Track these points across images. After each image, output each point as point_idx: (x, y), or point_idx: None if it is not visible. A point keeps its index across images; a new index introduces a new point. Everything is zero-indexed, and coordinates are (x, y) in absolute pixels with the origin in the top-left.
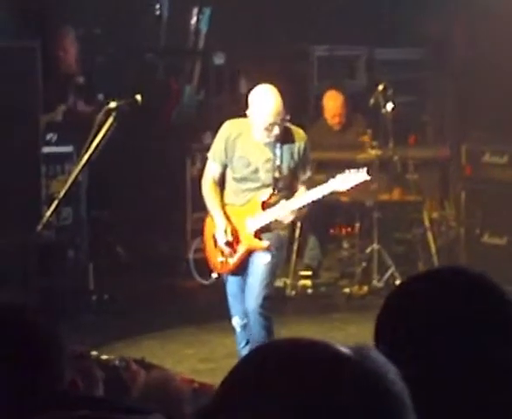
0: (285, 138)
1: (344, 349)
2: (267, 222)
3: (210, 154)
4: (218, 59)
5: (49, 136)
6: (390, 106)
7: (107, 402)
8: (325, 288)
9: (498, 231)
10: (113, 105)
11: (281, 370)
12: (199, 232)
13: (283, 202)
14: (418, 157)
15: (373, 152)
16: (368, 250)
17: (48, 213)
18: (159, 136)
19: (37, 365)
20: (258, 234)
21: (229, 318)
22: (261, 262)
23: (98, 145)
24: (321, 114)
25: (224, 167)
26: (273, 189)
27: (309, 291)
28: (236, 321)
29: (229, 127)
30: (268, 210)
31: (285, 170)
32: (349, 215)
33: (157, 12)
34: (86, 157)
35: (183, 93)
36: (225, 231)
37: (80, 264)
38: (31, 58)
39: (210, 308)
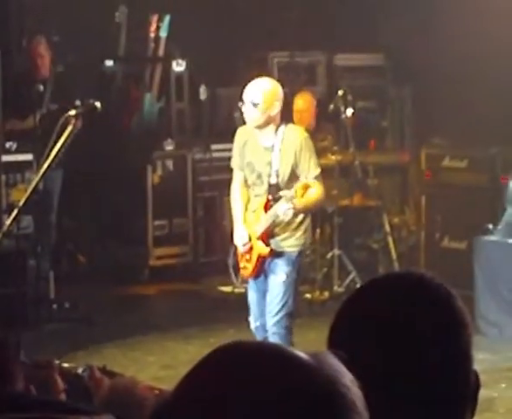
0: (281, 140)
1: (300, 354)
2: (267, 226)
3: (232, 163)
4: (178, 66)
5: (8, 144)
6: (349, 111)
7: (56, 404)
8: None
9: (458, 235)
10: (72, 112)
11: (236, 373)
12: (160, 239)
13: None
14: (378, 162)
15: (333, 157)
16: (329, 256)
17: (8, 222)
18: (120, 143)
19: None
20: (264, 239)
21: (191, 324)
22: (276, 279)
23: (57, 153)
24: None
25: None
26: (268, 195)
27: None
28: (250, 321)
29: (239, 134)
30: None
31: (284, 174)
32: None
33: (117, 20)
34: (45, 165)
35: (143, 101)
36: (242, 238)
37: (41, 273)
38: None
39: (171, 315)
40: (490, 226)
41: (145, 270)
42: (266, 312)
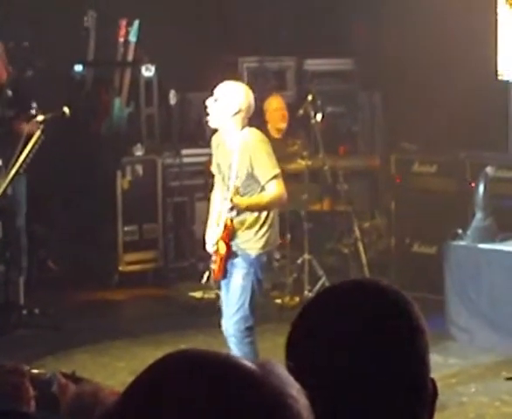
0: (240, 143)
1: (247, 364)
2: (223, 226)
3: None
4: (148, 71)
5: None
6: (319, 116)
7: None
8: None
9: (428, 241)
10: (40, 118)
11: (181, 381)
12: (130, 245)
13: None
14: (348, 167)
15: (303, 162)
16: (299, 261)
17: None
18: (89, 148)
19: None
20: (224, 240)
21: (161, 330)
22: (233, 282)
23: (26, 158)
24: (263, 123)
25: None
26: (225, 197)
27: None
28: (222, 323)
29: (213, 138)
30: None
31: (241, 176)
32: (280, 225)
33: (86, 24)
34: (13, 171)
35: (112, 105)
36: (209, 240)
37: (11, 279)
38: None
39: (142, 321)
40: (460, 231)
41: (115, 275)
42: (224, 315)
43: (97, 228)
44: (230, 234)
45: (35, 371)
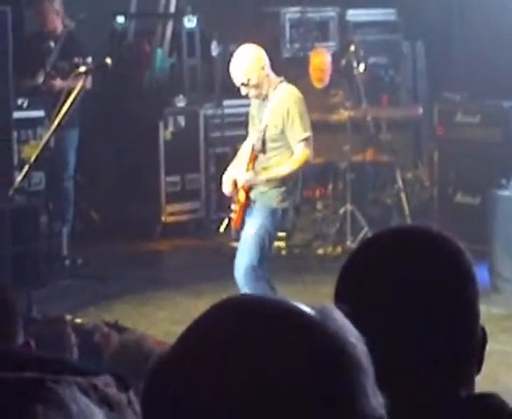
0: (274, 99)
1: (306, 310)
2: (243, 182)
3: None
4: (190, 22)
5: (20, 101)
6: (362, 66)
7: (54, 362)
8: (299, 250)
9: (471, 191)
10: (82, 69)
11: (236, 331)
12: (173, 195)
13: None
14: (390, 117)
15: (346, 113)
16: (341, 212)
17: (19, 178)
18: (131, 100)
19: None
20: (245, 189)
21: (202, 280)
22: (247, 231)
23: (68, 109)
24: (305, 74)
25: None
26: (252, 149)
27: (283, 252)
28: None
29: None
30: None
31: (270, 132)
32: (323, 176)
33: None
34: (56, 122)
35: (154, 57)
36: (225, 185)
37: (54, 229)
38: (2, 22)
39: (183, 271)
40: (504, 181)
41: (157, 226)
42: (235, 264)
43: (139, 179)
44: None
45: (78, 320)
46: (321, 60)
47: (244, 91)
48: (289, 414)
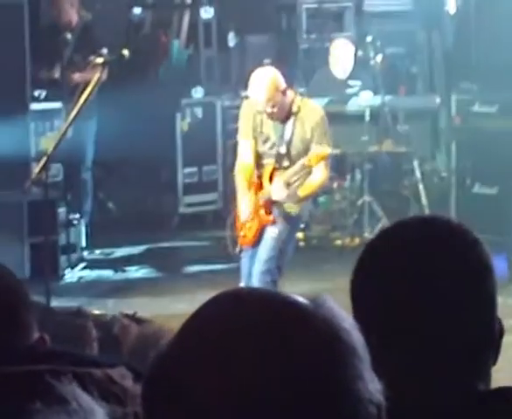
0: (296, 113)
1: (299, 298)
2: (266, 197)
3: (238, 135)
4: (206, 13)
5: (37, 93)
6: (379, 57)
7: (71, 355)
8: (316, 241)
9: (489, 181)
10: (99, 60)
11: (233, 320)
12: (190, 187)
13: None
14: (408, 108)
15: (363, 103)
16: (359, 203)
17: (36, 170)
18: (148, 91)
19: (1, 322)
20: (266, 207)
21: (220, 272)
22: (269, 235)
23: (86, 101)
24: (323, 65)
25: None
26: (276, 164)
27: (301, 243)
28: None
29: (247, 106)
30: (272, 186)
31: (296, 147)
32: (340, 167)
33: None
34: (74, 113)
35: (171, 48)
36: (246, 209)
37: (71, 221)
38: (18, 15)
39: (200, 263)
40: None
41: (175, 217)
42: (254, 264)
43: (157, 170)
44: (272, 202)
45: (96, 312)
46: (342, 50)
47: (268, 111)
48: (288, 402)
